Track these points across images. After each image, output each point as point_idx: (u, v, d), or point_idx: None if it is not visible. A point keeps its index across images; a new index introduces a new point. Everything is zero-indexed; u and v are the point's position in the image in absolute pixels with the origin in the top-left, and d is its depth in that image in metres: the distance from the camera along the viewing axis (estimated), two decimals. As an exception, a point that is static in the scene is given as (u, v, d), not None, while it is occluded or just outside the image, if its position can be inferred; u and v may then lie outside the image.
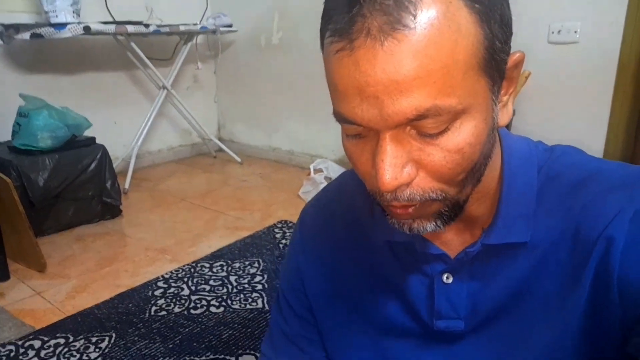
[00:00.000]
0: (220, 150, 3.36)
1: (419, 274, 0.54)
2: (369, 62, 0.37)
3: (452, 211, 0.44)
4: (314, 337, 0.64)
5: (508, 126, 2.08)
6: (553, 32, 2.11)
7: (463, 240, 0.52)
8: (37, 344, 1.36)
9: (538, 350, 0.48)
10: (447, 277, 0.52)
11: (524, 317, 0.49)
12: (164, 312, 1.52)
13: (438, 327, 0.52)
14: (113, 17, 2.80)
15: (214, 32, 3.06)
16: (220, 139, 3.56)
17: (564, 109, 2.17)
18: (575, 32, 2.06)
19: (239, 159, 3.27)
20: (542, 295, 0.48)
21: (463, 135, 0.40)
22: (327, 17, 0.40)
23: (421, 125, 0.39)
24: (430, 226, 0.45)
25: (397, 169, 0.40)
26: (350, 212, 0.60)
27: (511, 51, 0.43)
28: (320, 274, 0.62)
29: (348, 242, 0.60)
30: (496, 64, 0.40)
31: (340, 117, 0.41)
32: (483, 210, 0.50)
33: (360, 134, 0.42)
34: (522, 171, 0.49)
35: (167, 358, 1.31)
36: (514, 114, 2.21)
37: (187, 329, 1.43)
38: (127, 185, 2.67)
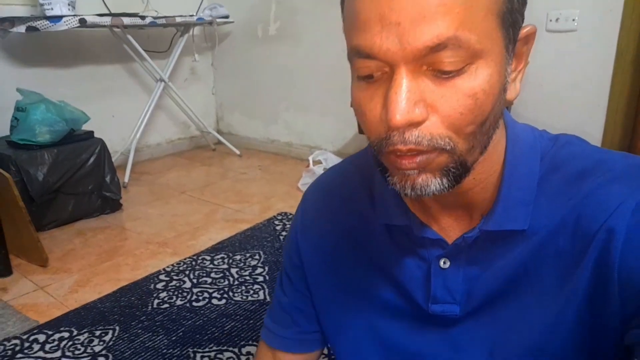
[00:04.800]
0: (219, 142, 3.35)
1: (416, 258, 0.54)
2: None
3: (458, 169, 0.43)
4: (309, 310, 0.65)
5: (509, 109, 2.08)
6: (551, 20, 2.10)
7: (461, 227, 0.52)
8: (41, 337, 1.37)
9: (532, 336, 0.48)
10: (444, 262, 0.52)
11: (519, 303, 0.49)
12: (166, 305, 1.53)
13: (433, 310, 0.53)
14: (109, 9, 2.78)
15: (210, 23, 3.04)
16: (218, 131, 3.55)
17: (562, 97, 2.17)
18: (574, 20, 2.05)
19: (237, 152, 3.27)
20: (539, 282, 0.48)
21: (478, 80, 0.39)
22: None
23: (439, 61, 0.38)
24: (435, 183, 0.43)
25: (410, 104, 0.39)
26: (350, 195, 0.61)
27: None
28: (318, 253, 0.63)
29: (347, 224, 0.60)
30: (512, 23, 0.41)
31: (356, 52, 0.41)
32: (484, 196, 0.50)
33: (372, 76, 0.41)
34: (525, 159, 0.49)
35: (171, 350, 1.32)
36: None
37: (189, 321, 1.45)
38: (126, 179, 2.67)
